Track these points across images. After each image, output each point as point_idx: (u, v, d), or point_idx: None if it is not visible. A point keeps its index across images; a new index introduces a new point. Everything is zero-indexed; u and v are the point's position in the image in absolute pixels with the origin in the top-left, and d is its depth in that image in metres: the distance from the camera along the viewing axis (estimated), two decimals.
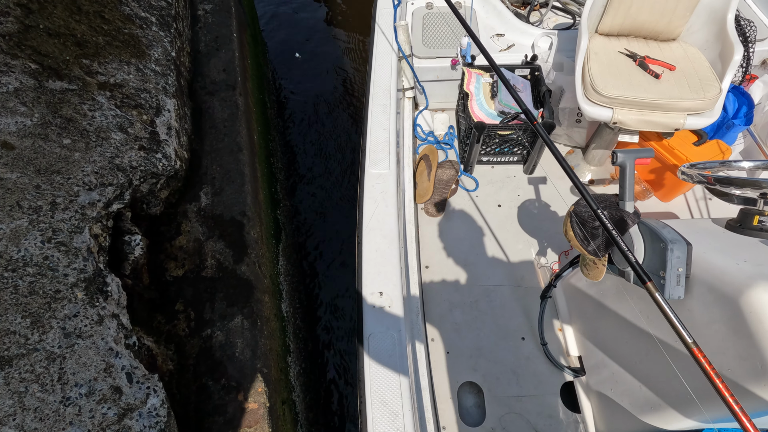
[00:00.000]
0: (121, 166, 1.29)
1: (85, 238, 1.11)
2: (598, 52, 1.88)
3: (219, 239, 1.57)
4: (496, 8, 2.43)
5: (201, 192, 1.67)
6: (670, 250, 0.98)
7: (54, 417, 0.89)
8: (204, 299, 1.44)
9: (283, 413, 1.48)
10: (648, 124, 1.77)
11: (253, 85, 2.51)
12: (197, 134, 1.82)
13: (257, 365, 1.35)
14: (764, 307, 0.83)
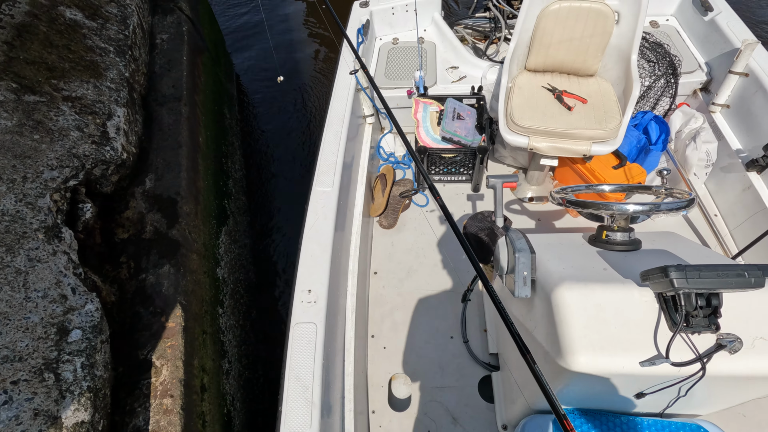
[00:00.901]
0: (76, 154, 1.80)
1: (47, 201, 1.62)
2: (522, 86, 2.11)
3: (157, 212, 2.07)
4: (452, 43, 2.72)
5: (146, 178, 2.18)
6: (518, 257, 1.15)
7: (19, 306, 1.38)
8: (142, 254, 1.94)
9: (203, 340, 1.96)
10: (559, 150, 1.98)
11: (207, 98, 3.04)
12: (147, 135, 2.34)
13: (178, 298, 1.84)
14: (561, 300, 1.03)
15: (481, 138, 2.28)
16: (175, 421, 1.57)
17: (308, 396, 1.31)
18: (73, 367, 1.38)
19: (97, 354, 1.46)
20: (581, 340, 0.99)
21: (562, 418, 0.80)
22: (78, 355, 1.40)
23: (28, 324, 1.37)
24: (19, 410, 1.23)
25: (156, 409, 1.58)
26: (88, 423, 1.33)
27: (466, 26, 3.21)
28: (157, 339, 1.72)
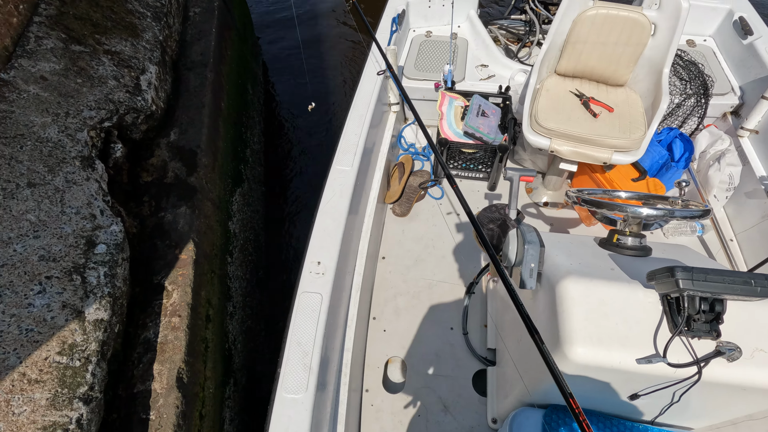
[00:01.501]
0: (112, 100, 2.02)
1: (84, 135, 1.83)
2: (550, 89, 2.11)
3: (178, 161, 2.28)
4: (484, 42, 2.74)
5: (171, 131, 2.39)
6: (526, 249, 1.16)
7: (56, 218, 1.59)
8: (162, 195, 2.14)
9: (211, 278, 2.15)
10: (580, 155, 1.97)
11: (231, 71, 3.26)
12: (175, 95, 2.56)
13: (192, 235, 2.03)
14: (565, 292, 1.05)
15: (503, 137, 2.28)
16: (181, 337, 1.76)
17: (307, 362, 1.34)
18: (97, 274, 1.57)
19: (117, 268, 1.66)
20: (581, 331, 1.00)
21: (568, 396, 0.81)
22: (102, 265, 1.60)
23: (62, 233, 1.57)
24: (51, 300, 1.43)
25: (165, 326, 1.77)
26: (106, 322, 1.52)
27: (501, 27, 3.23)
28: (170, 268, 1.92)
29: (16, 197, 1.54)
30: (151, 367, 1.67)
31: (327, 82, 4.67)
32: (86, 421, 1.34)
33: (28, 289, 1.41)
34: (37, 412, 1.26)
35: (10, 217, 1.50)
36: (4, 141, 1.62)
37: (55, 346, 1.38)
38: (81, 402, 1.35)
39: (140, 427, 1.55)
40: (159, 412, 1.59)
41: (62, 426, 1.28)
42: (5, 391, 1.24)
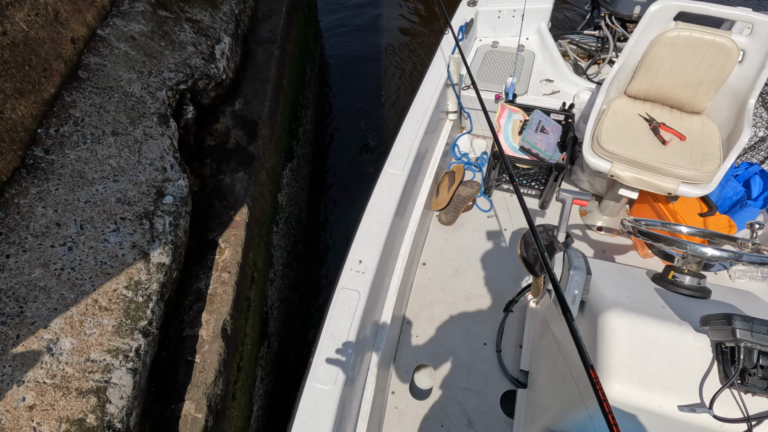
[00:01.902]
0: (189, 64, 2.15)
1: (163, 94, 1.97)
2: (617, 110, 2.03)
3: (240, 129, 2.40)
4: (552, 56, 2.66)
5: (236, 101, 2.51)
6: (572, 274, 1.13)
7: (133, 166, 1.73)
8: (223, 160, 2.27)
9: (258, 242, 2.26)
10: (642, 183, 1.87)
11: (294, 50, 3.37)
12: (243, 67, 2.69)
13: (246, 200, 2.14)
14: (608, 325, 1.02)
15: (561, 156, 2.21)
16: (229, 292, 1.87)
17: (339, 356, 1.37)
18: (163, 222, 1.70)
19: (181, 219, 1.78)
20: (621, 368, 0.96)
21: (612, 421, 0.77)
22: (168, 214, 1.73)
23: (137, 180, 1.71)
24: (123, 239, 1.57)
25: (215, 279, 1.88)
26: (167, 266, 1.64)
27: (572, 41, 3.15)
28: (224, 227, 2.04)
29: (101, 143, 1.68)
30: (199, 315, 1.79)
31: (384, 74, 4.72)
32: (143, 352, 1.46)
33: (105, 227, 1.55)
34: (104, 336, 1.39)
35: (96, 159, 1.64)
36: (96, 91, 1.77)
37: (123, 281, 1.51)
38: (140, 334, 1.47)
39: (186, 367, 1.67)
40: (204, 357, 1.70)
41: (123, 352, 1.41)
42: (80, 312, 1.38)
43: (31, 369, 1.24)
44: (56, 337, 1.31)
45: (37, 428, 1.19)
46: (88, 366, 1.33)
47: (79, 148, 1.62)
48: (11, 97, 1.45)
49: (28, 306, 1.30)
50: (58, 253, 1.41)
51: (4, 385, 1.19)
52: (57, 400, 1.24)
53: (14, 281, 1.31)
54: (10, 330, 1.25)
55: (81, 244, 1.47)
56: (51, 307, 1.33)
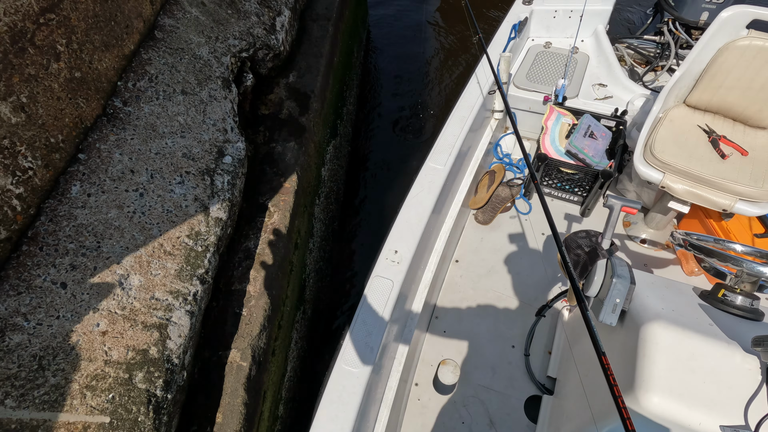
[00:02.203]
0: (252, 34, 2.23)
1: (227, 60, 2.05)
2: (675, 120, 1.96)
3: (293, 101, 2.47)
4: (608, 60, 2.58)
5: (290, 74, 2.58)
6: (614, 283, 1.10)
7: (198, 125, 1.82)
8: (275, 129, 2.35)
9: (303, 211, 2.33)
10: (695, 196, 1.80)
11: (346, 30, 3.42)
12: (298, 42, 2.75)
13: (296, 168, 2.22)
14: (651, 336, 1.00)
15: (608, 163, 2.16)
16: (276, 252, 1.95)
17: (368, 341, 1.39)
18: (222, 180, 1.79)
19: (237, 179, 1.86)
20: (662, 380, 0.95)
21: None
22: (227, 173, 1.81)
23: (201, 138, 1.80)
24: (186, 192, 1.66)
25: (264, 240, 1.97)
26: (223, 221, 1.73)
27: (629, 46, 3.06)
28: (274, 192, 2.12)
29: (172, 100, 1.78)
30: (248, 272, 1.88)
31: (426, 63, 4.72)
32: (200, 298, 1.56)
33: (172, 178, 1.65)
34: (167, 278, 1.49)
35: (166, 115, 1.74)
36: (169, 51, 1.86)
37: (185, 230, 1.60)
38: (198, 281, 1.56)
39: (233, 318, 1.77)
40: (250, 311, 1.79)
41: (183, 295, 1.50)
42: (148, 254, 1.48)
43: (105, 299, 1.34)
44: (127, 273, 1.41)
45: (108, 352, 1.29)
46: (153, 303, 1.43)
47: (152, 102, 1.72)
48: (99, 49, 1.55)
49: (104, 242, 1.41)
50: (131, 197, 1.52)
51: (82, 310, 1.30)
52: (126, 330, 1.34)
53: (93, 218, 1.42)
54: (89, 261, 1.36)
55: (151, 191, 1.57)
56: (123, 245, 1.44)
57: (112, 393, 1.25)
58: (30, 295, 1.24)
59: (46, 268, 1.29)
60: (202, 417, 1.59)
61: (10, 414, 1.12)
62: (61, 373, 1.21)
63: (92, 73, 1.53)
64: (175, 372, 1.42)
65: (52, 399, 1.18)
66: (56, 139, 1.38)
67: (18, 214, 1.27)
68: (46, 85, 1.34)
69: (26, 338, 1.20)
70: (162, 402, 1.35)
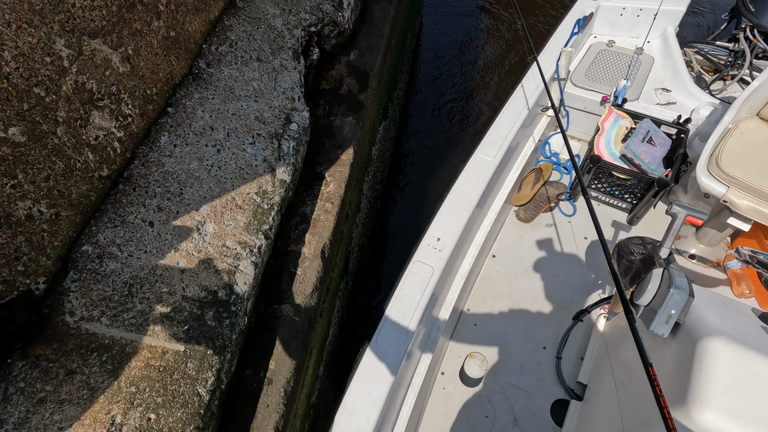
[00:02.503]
0: (322, 9, 2.31)
1: (298, 33, 2.14)
2: (746, 132, 1.89)
3: (353, 78, 2.55)
4: (675, 64, 2.49)
5: (351, 52, 2.66)
6: (671, 292, 1.08)
7: (270, 91, 1.92)
8: (335, 103, 2.43)
9: (355, 184, 2.42)
10: (760, 214, 1.73)
11: (404, 14, 3.46)
12: (361, 22, 2.82)
13: (353, 142, 2.30)
14: (710, 352, 0.98)
15: (664, 172, 2.09)
16: (330, 220, 2.04)
17: (405, 323, 1.43)
18: (288, 145, 1.89)
19: (301, 146, 1.96)
20: (718, 397, 0.93)
21: None
22: (292, 139, 1.91)
23: (271, 104, 1.90)
24: (257, 152, 1.77)
25: (320, 207, 2.06)
26: (287, 184, 1.83)
27: (699, 51, 2.93)
28: (331, 163, 2.21)
29: (248, 66, 1.88)
30: (303, 235, 1.98)
31: (477, 56, 4.70)
32: (264, 251, 1.66)
33: (245, 138, 1.75)
34: (237, 229, 1.60)
35: (243, 79, 1.84)
36: (248, 20, 1.97)
37: (254, 188, 1.71)
38: (263, 235, 1.67)
39: (288, 276, 1.87)
40: (304, 271, 1.89)
41: (249, 246, 1.61)
42: (221, 205, 1.59)
43: (185, 241, 1.46)
44: (204, 220, 1.53)
45: (185, 289, 1.41)
46: (224, 250, 1.54)
47: (231, 66, 1.83)
48: (191, 12, 1.66)
49: (186, 190, 1.53)
50: (210, 152, 1.63)
51: (165, 248, 1.42)
52: (201, 270, 1.46)
53: (178, 167, 1.54)
54: (173, 206, 1.48)
55: (226, 149, 1.68)
56: (202, 195, 1.55)
57: (186, 325, 1.38)
58: (124, 228, 1.37)
59: (137, 207, 1.42)
60: (256, 363, 1.70)
61: (105, 330, 1.25)
62: (147, 301, 1.33)
63: (184, 33, 1.64)
64: (239, 316, 1.53)
65: (138, 323, 1.30)
66: (151, 91, 1.51)
67: (117, 156, 1.40)
68: (148, 41, 1.46)
69: (119, 266, 1.33)
70: (227, 341, 1.47)
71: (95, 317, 1.24)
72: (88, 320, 1.23)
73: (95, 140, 1.31)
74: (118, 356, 1.25)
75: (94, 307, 1.25)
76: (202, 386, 1.36)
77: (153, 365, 1.29)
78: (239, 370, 1.66)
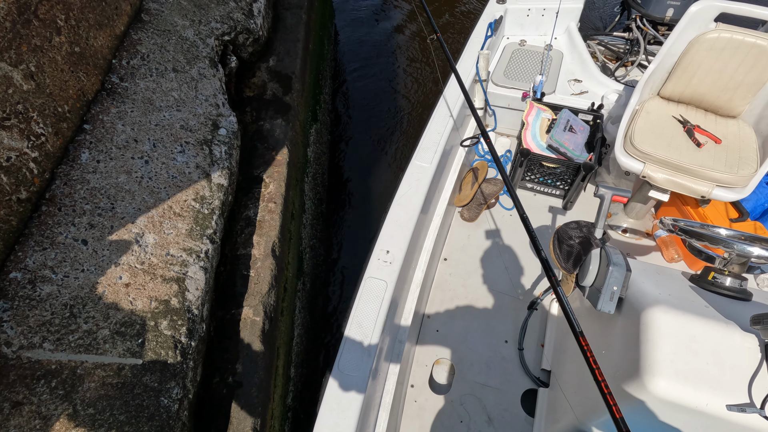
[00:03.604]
0: (232, 18, 2.33)
1: (211, 42, 2.15)
2: (651, 111, 2.00)
3: (276, 82, 2.57)
4: (581, 56, 2.65)
5: (270, 58, 2.69)
6: (611, 270, 1.10)
7: (192, 100, 1.90)
8: (262, 108, 2.44)
9: (296, 184, 2.43)
10: (675, 185, 1.84)
11: (316, 19, 3.55)
12: (275, 29, 2.86)
13: (286, 143, 2.32)
14: (652, 321, 1.00)
15: (588, 156, 2.20)
16: (276, 219, 2.05)
17: (365, 344, 1.38)
18: (220, 149, 1.88)
19: (233, 150, 1.96)
20: (667, 364, 0.95)
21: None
22: (224, 144, 1.90)
23: (196, 112, 1.89)
24: (188, 160, 1.74)
25: (263, 208, 2.06)
26: (225, 187, 1.82)
27: (600, 42, 3.14)
28: (268, 165, 2.21)
29: (165, 77, 1.86)
30: (251, 237, 1.97)
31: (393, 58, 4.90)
32: (211, 256, 1.64)
33: (173, 147, 1.73)
34: (179, 236, 1.57)
35: (161, 90, 1.82)
36: (157, 32, 1.94)
37: (191, 194, 1.68)
38: (208, 240, 1.65)
39: (242, 279, 1.85)
40: (257, 272, 1.88)
41: (196, 252, 1.58)
42: (159, 215, 1.55)
43: (124, 254, 1.41)
44: (142, 232, 1.49)
45: (133, 302, 1.36)
46: (169, 259, 1.50)
47: (147, 79, 1.79)
48: (93, 27, 1.62)
49: (118, 203, 1.48)
50: (137, 164, 1.59)
51: (104, 264, 1.36)
52: (147, 282, 1.42)
53: (105, 182, 1.48)
54: (105, 221, 1.42)
55: (155, 159, 1.65)
56: (136, 207, 1.51)
57: (140, 338, 1.33)
58: (54, 250, 1.30)
59: (66, 227, 1.35)
60: (222, 370, 1.67)
61: (49, 356, 1.18)
62: (92, 320, 1.27)
63: (89, 49, 1.60)
64: (196, 322, 1.50)
65: (87, 343, 1.24)
66: (63, 108, 1.45)
67: (35, 177, 1.33)
68: (51, 57, 1.41)
69: (56, 289, 1.26)
70: (187, 348, 1.43)
71: (36, 344, 1.17)
72: (29, 348, 1.16)
73: (7, 162, 1.24)
74: (70, 380, 1.18)
75: (34, 333, 1.18)
76: (167, 397, 1.31)
77: (110, 383, 1.23)
78: (206, 379, 1.62)
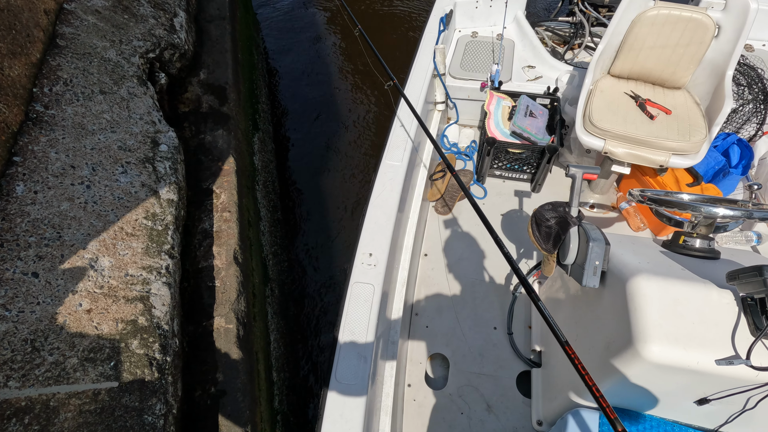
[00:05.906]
0: (154, 34, 2.29)
1: (136, 60, 2.10)
2: (604, 90, 2.07)
3: (210, 94, 2.55)
4: (532, 43, 2.74)
5: (201, 71, 2.66)
6: (591, 246, 1.13)
7: (125, 120, 1.86)
8: (200, 122, 2.42)
9: (248, 191, 2.43)
10: (635, 157, 1.92)
11: (242, 29, 3.53)
12: (200, 43, 2.83)
13: (231, 152, 2.31)
14: (637, 290, 1.02)
15: (550, 138, 2.27)
16: (233, 227, 2.04)
17: (360, 351, 1.37)
18: (164, 166, 1.85)
19: (178, 165, 1.93)
20: (656, 329, 0.97)
21: (605, 409, 0.80)
22: (167, 160, 1.88)
23: (132, 131, 1.85)
24: (132, 179, 1.71)
25: (218, 219, 2.05)
26: (175, 202, 1.80)
27: (547, 28, 3.25)
28: (216, 176, 2.20)
29: (93, 100, 1.81)
30: (210, 249, 1.95)
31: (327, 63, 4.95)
32: (172, 271, 1.62)
33: (114, 169, 1.69)
34: (136, 256, 1.54)
35: (92, 114, 1.76)
36: (76, 56, 1.88)
37: (141, 213, 1.65)
38: (167, 255, 1.63)
39: (208, 292, 1.84)
40: (223, 281, 1.87)
41: (156, 269, 1.56)
42: (111, 237, 1.52)
43: (81, 281, 1.37)
44: (95, 256, 1.45)
45: (98, 327, 1.33)
46: (129, 279, 1.48)
47: (74, 104, 1.74)
48: (7, 56, 1.56)
49: (65, 231, 1.43)
50: (78, 190, 1.54)
51: (60, 293, 1.32)
52: (109, 305, 1.39)
53: (47, 212, 1.43)
54: (54, 251, 1.38)
55: (97, 182, 1.61)
56: (84, 232, 1.47)
57: (113, 361, 1.30)
58: (4, 287, 1.25)
59: (12, 262, 1.30)
60: (203, 382, 1.65)
61: (16, 394, 1.13)
62: (57, 351, 1.23)
63: (6, 79, 1.53)
64: (168, 337, 1.48)
65: (55, 374, 1.20)
66: None
67: None
68: None
69: (12, 326, 1.21)
70: (163, 364, 1.41)
71: (0, 383, 1.12)
72: None
73: None
74: (43, 414, 1.14)
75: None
76: (151, 414, 1.29)
77: (88, 410, 1.20)
78: (188, 394, 1.60)
